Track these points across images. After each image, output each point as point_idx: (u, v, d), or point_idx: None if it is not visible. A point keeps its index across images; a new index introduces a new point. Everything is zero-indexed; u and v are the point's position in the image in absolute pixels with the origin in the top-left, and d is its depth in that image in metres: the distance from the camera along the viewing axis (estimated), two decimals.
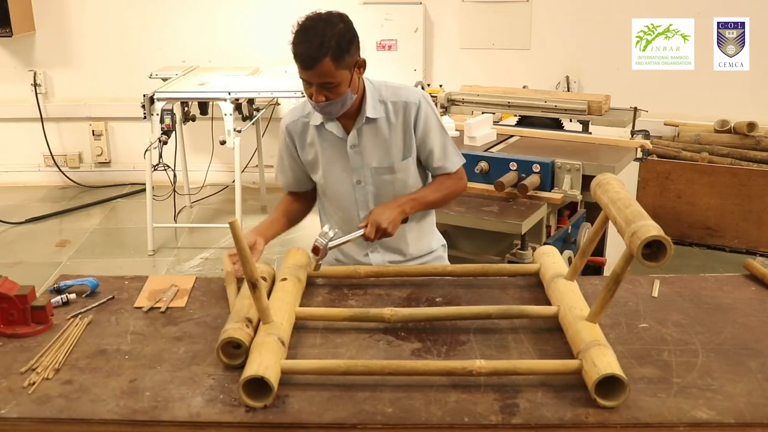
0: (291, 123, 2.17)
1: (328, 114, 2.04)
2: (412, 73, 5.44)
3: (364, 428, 1.40)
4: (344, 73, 1.93)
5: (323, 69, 1.89)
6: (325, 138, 2.13)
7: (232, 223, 1.58)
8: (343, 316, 1.73)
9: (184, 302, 1.89)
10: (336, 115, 2.05)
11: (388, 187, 2.13)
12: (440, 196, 2.18)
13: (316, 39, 1.87)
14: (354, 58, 1.95)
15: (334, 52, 1.88)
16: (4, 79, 5.75)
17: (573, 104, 3.74)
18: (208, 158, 5.54)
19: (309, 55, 1.88)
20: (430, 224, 2.33)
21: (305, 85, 1.97)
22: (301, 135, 2.17)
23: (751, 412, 1.41)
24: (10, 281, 1.80)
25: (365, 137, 2.10)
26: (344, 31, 1.92)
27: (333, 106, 1.99)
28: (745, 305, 1.84)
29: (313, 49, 1.87)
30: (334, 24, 1.91)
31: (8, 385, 1.52)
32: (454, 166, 2.18)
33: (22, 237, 4.97)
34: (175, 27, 5.62)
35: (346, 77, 1.94)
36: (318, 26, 1.89)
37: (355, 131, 2.10)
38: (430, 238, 2.31)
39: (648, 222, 1.45)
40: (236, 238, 1.59)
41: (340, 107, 2.01)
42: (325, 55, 1.87)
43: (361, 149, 2.11)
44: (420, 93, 2.14)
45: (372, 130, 2.10)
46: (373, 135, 2.10)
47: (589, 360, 1.46)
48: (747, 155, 4.63)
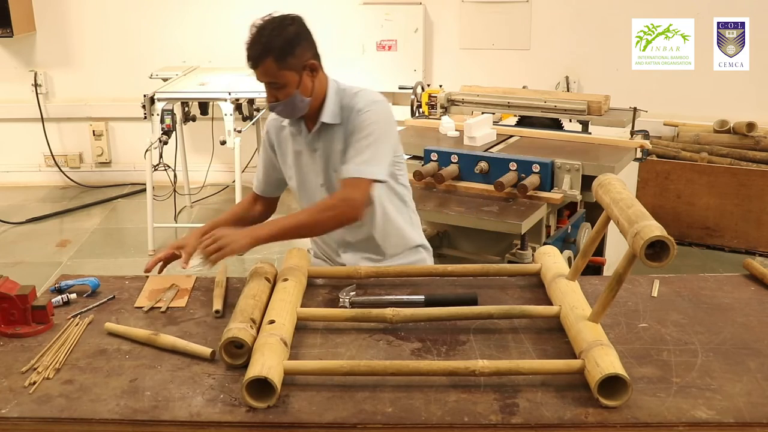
0: (271, 121, 2.23)
1: (281, 115, 2.09)
2: (412, 74, 5.44)
3: (364, 428, 1.40)
4: (289, 75, 1.98)
5: (266, 69, 1.97)
6: (295, 141, 2.17)
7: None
8: (345, 317, 1.73)
9: (184, 302, 1.90)
10: (289, 117, 2.10)
11: None
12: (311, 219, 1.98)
13: (262, 39, 1.94)
14: (301, 60, 1.99)
15: (277, 53, 1.94)
16: (5, 79, 5.75)
17: (573, 104, 3.74)
18: (209, 158, 5.54)
19: (253, 54, 1.96)
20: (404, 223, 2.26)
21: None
22: (278, 135, 2.22)
23: (750, 411, 1.41)
24: (10, 281, 1.80)
25: (324, 141, 2.12)
26: (293, 33, 1.97)
27: (283, 108, 2.04)
28: (744, 305, 1.84)
29: (257, 49, 1.95)
30: (284, 26, 1.97)
31: (9, 385, 1.52)
32: (347, 172, 1.99)
33: (22, 237, 4.97)
34: (175, 27, 5.62)
35: (293, 79, 1.99)
36: (267, 28, 1.96)
37: (315, 134, 2.12)
38: (405, 236, 2.26)
39: (651, 222, 1.45)
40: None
41: (291, 109, 2.05)
42: (267, 56, 1.94)
43: (322, 153, 2.13)
44: (371, 99, 2.06)
45: (329, 135, 2.11)
46: (330, 140, 2.11)
47: (592, 360, 1.46)
48: (746, 155, 4.64)
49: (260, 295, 1.79)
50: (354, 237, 2.23)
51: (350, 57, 5.51)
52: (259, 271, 1.91)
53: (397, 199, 2.23)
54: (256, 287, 1.82)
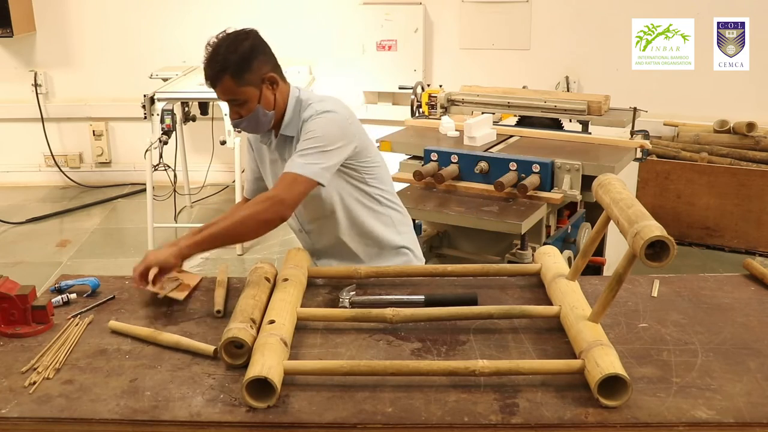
0: None
1: (247, 131, 2.10)
2: (412, 74, 5.45)
3: (364, 428, 1.40)
4: (249, 90, 1.98)
5: (224, 87, 1.96)
6: (268, 147, 2.18)
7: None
8: (345, 317, 1.73)
9: (183, 295, 1.88)
10: (255, 132, 2.12)
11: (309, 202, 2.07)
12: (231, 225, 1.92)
13: (219, 58, 1.94)
14: (259, 74, 1.98)
15: (233, 70, 1.94)
16: (5, 80, 5.75)
17: (573, 104, 3.74)
18: (209, 158, 5.54)
19: (209, 74, 1.96)
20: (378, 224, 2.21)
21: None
22: (256, 140, 2.23)
23: (750, 411, 1.41)
24: (10, 281, 1.80)
25: (285, 152, 2.12)
26: (247, 49, 1.96)
27: (247, 123, 2.04)
28: (744, 305, 1.84)
29: (214, 68, 1.95)
30: (239, 42, 1.96)
31: (9, 385, 1.52)
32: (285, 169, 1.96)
33: (22, 237, 4.97)
34: (175, 27, 5.62)
35: (253, 94, 1.98)
36: (221, 46, 1.96)
37: (275, 145, 2.13)
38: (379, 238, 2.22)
39: (651, 222, 1.45)
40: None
41: (255, 124, 2.04)
42: (224, 73, 1.94)
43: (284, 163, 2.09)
44: (321, 109, 2.02)
45: (289, 147, 2.10)
46: (289, 152, 2.09)
47: (592, 360, 1.46)
48: (746, 155, 4.64)
49: (260, 295, 1.79)
50: (321, 244, 2.23)
51: (350, 57, 5.51)
52: (259, 271, 1.91)
53: (368, 200, 2.17)
54: (256, 287, 1.82)
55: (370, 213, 2.19)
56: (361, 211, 2.17)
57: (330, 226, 2.17)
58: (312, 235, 2.24)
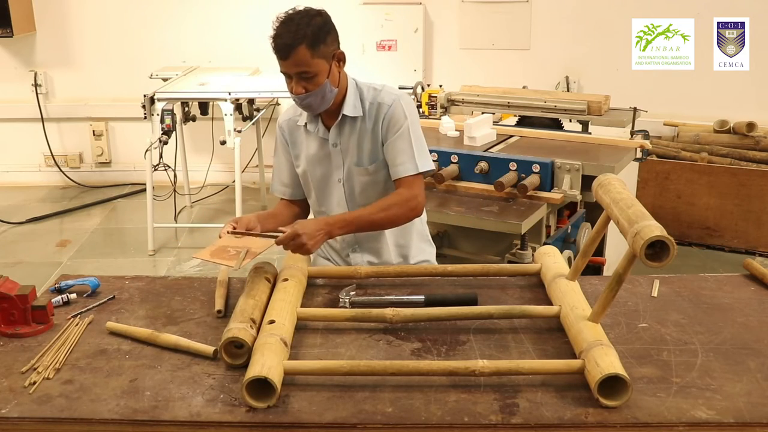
0: (284, 121, 2.23)
1: (309, 108, 2.06)
2: (412, 74, 5.44)
3: (364, 428, 1.40)
4: (321, 63, 1.97)
5: (299, 57, 1.94)
6: (312, 139, 2.17)
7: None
8: (345, 317, 1.73)
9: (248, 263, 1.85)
10: (317, 110, 2.07)
11: (368, 187, 2.14)
12: (382, 216, 2.05)
13: (292, 28, 1.93)
14: (331, 49, 2.00)
15: (310, 41, 1.93)
16: (5, 80, 5.75)
17: (573, 104, 3.74)
18: (209, 158, 5.54)
19: (285, 42, 1.93)
20: (417, 233, 2.27)
21: (287, 80, 2.02)
22: (292, 133, 2.22)
23: (750, 411, 1.41)
24: (10, 281, 1.80)
25: (345, 135, 2.12)
26: (321, 23, 1.97)
27: (313, 98, 2.01)
28: (744, 305, 1.84)
29: (289, 38, 1.92)
30: (312, 16, 1.96)
31: (9, 385, 1.52)
32: (405, 171, 2.07)
33: (22, 237, 4.97)
34: (175, 27, 5.62)
35: (324, 67, 1.98)
36: (295, 18, 1.95)
37: (336, 128, 2.12)
38: (414, 247, 2.27)
39: (651, 222, 1.45)
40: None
41: (320, 100, 2.03)
42: (300, 43, 1.92)
43: (342, 147, 2.13)
44: (396, 95, 2.11)
45: (351, 128, 2.12)
46: (352, 133, 2.12)
47: (592, 360, 1.47)
48: (746, 155, 4.64)
49: (260, 295, 1.79)
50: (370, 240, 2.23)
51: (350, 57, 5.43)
52: (259, 271, 1.92)
53: None
54: (256, 287, 1.82)
55: None
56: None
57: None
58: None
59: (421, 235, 2.31)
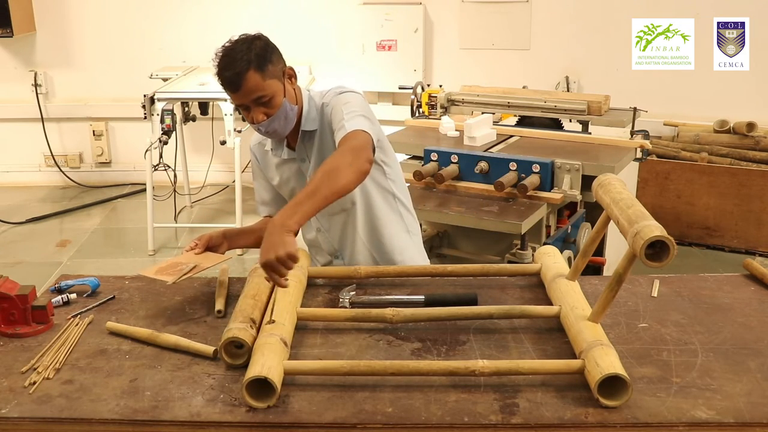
0: (254, 145, 2.22)
1: (275, 134, 2.01)
2: (412, 74, 5.45)
3: (364, 428, 1.40)
4: (274, 83, 1.93)
5: (250, 84, 1.89)
6: (281, 162, 2.15)
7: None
8: (346, 317, 1.73)
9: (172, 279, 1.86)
10: (284, 133, 2.03)
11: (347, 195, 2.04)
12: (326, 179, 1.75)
13: (237, 56, 1.88)
14: (279, 67, 1.96)
15: (256, 64, 1.89)
16: (5, 79, 5.76)
17: (573, 104, 3.74)
18: (209, 158, 5.55)
19: (233, 73, 1.88)
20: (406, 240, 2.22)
21: (244, 113, 1.97)
22: (263, 158, 2.21)
23: (750, 411, 1.41)
24: (10, 281, 1.80)
25: (310, 149, 2.09)
26: (263, 45, 1.93)
27: (277, 122, 1.97)
28: (744, 305, 1.84)
29: (235, 67, 1.88)
30: (251, 41, 1.92)
31: (9, 385, 1.52)
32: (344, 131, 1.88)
33: (22, 237, 4.97)
34: (175, 27, 5.62)
35: (278, 87, 1.94)
36: (235, 47, 1.91)
37: (300, 145, 2.09)
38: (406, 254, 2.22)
39: (651, 222, 1.45)
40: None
41: (284, 121, 1.99)
42: (247, 69, 1.88)
43: (312, 161, 2.09)
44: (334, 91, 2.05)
45: (313, 141, 2.09)
46: (315, 146, 2.08)
47: (592, 360, 1.46)
48: (746, 155, 4.64)
49: (260, 295, 1.79)
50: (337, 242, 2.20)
51: (350, 57, 5.51)
52: (259, 271, 1.91)
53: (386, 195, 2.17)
54: (256, 287, 1.82)
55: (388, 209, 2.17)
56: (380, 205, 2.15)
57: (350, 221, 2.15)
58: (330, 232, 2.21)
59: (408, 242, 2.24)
